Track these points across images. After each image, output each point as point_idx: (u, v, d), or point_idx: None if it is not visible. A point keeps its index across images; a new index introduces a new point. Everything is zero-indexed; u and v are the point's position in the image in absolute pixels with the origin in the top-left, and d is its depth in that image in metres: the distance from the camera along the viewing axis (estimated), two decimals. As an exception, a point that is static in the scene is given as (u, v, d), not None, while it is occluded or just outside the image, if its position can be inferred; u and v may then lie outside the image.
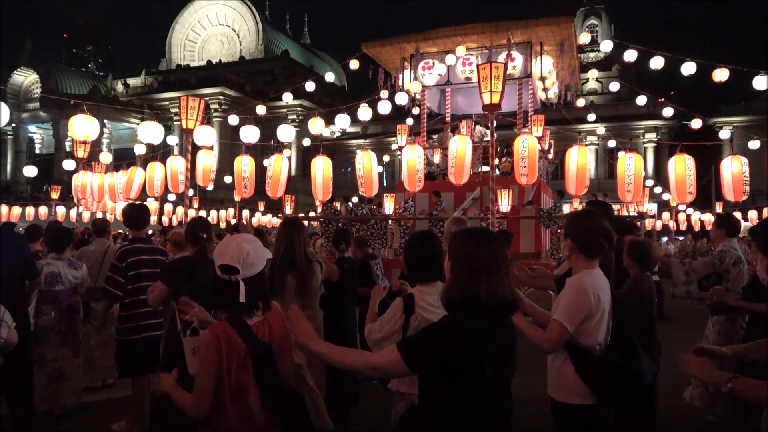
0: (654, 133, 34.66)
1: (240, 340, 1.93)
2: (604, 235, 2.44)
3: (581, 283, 2.39)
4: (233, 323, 1.96)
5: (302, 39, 63.04)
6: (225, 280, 1.97)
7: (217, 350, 1.90)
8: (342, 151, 36.43)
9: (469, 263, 1.80)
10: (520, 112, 11.70)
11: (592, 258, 2.46)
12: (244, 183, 8.58)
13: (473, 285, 1.76)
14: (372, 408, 4.71)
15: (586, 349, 2.35)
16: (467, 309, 1.76)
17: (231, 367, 1.93)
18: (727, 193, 7.21)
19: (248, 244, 2.02)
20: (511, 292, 1.82)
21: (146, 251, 4.17)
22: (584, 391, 2.32)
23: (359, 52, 12.35)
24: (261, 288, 2.07)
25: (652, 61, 11.30)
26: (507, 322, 1.90)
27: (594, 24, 46.97)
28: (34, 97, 40.79)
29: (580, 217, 2.61)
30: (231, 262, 1.96)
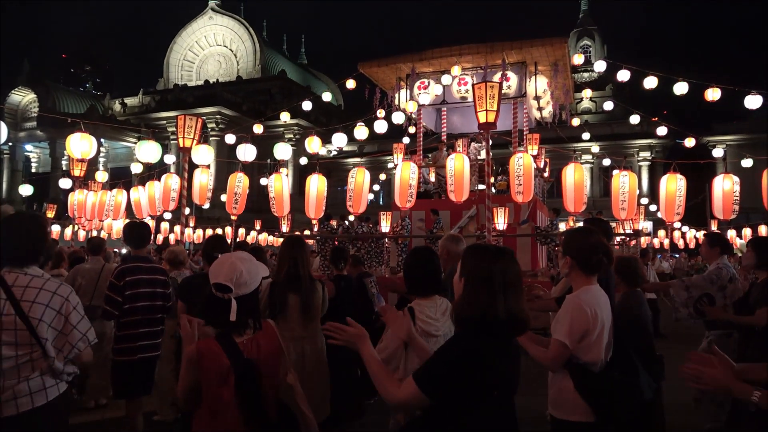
0: (648, 152, 34.94)
1: (224, 357, 1.97)
2: (602, 251, 2.46)
3: (578, 300, 2.40)
4: (220, 340, 2.01)
5: (299, 59, 63.60)
6: (218, 297, 2.01)
7: (195, 365, 1.98)
8: (338, 170, 36.51)
9: (486, 281, 1.77)
10: (515, 130, 11.80)
11: (591, 275, 2.48)
12: (235, 199, 8.58)
13: (490, 303, 1.73)
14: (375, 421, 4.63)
15: (585, 366, 2.35)
16: (482, 328, 1.73)
17: (211, 383, 1.98)
18: (716, 211, 7.30)
19: (242, 263, 2.05)
20: (525, 311, 1.81)
21: (145, 270, 4.12)
22: (584, 409, 2.31)
23: (356, 72, 12.48)
24: (252, 307, 2.11)
25: (646, 80, 11.47)
26: (514, 341, 1.89)
27: (587, 44, 47.66)
28: (32, 117, 40.87)
29: (578, 234, 2.64)
30: (224, 281, 2.00)
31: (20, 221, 2.50)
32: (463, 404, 1.70)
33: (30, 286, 2.28)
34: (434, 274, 2.70)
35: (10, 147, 41.42)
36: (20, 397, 2.19)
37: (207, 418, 2.02)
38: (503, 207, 10.03)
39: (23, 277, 2.31)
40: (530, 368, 2.49)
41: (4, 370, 2.16)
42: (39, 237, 2.48)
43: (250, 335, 2.08)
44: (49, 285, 2.33)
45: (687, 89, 10.95)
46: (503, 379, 1.75)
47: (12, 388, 2.17)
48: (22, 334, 2.19)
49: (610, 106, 16.32)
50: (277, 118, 20.61)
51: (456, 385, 1.67)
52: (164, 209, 9.39)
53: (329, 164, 30.91)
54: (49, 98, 40.89)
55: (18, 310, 2.20)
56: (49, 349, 2.24)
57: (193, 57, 54.12)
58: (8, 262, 2.35)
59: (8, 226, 2.44)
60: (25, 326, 2.19)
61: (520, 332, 1.83)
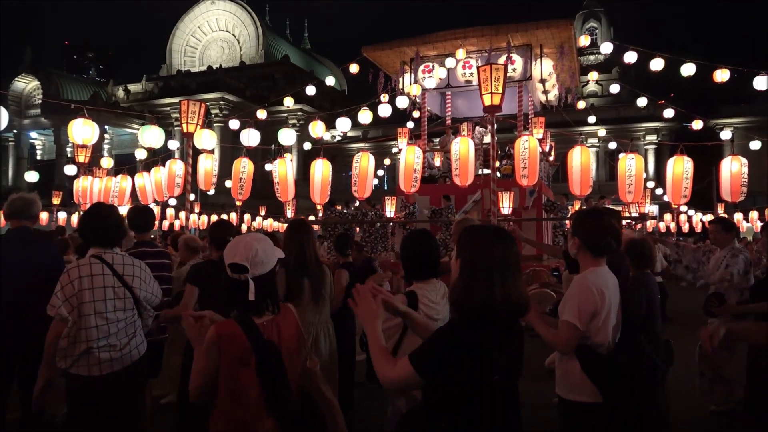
0: (654, 135, 34.66)
1: (245, 339, 1.92)
2: (611, 234, 2.44)
3: (585, 281, 2.39)
4: (240, 322, 1.96)
5: (302, 44, 63.17)
6: (235, 279, 1.97)
7: (216, 347, 1.92)
8: (343, 156, 36.43)
9: (485, 266, 1.71)
10: (521, 114, 11.71)
11: (599, 256, 2.46)
12: (240, 185, 8.59)
13: (490, 290, 1.68)
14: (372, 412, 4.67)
15: (591, 348, 2.34)
16: (480, 313, 1.69)
17: (231, 366, 1.92)
18: (725, 194, 7.23)
19: (257, 242, 2.01)
20: (525, 294, 1.76)
21: (151, 255, 4.08)
22: (591, 390, 2.31)
23: (359, 56, 12.38)
24: (270, 288, 2.06)
25: (652, 62, 11.33)
26: (517, 325, 1.83)
27: (593, 27, 47.06)
28: (36, 104, 40.90)
29: (587, 216, 2.61)
30: (240, 261, 1.95)
31: (103, 209, 2.98)
32: (461, 391, 1.67)
33: (125, 263, 2.85)
34: (432, 257, 2.68)
35: (15, 134, 41.55)
36: (133, 349, 2.82)
37: (228, 404, 1.95)
38: (508, 191, 9.99)
39: (117, 256, 2.86)
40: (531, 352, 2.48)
41: (119, 329, 2.75)
42: (119, 222, 2.97)
43: (269, 317, 2.04)
44: (135, 261, 2.93)
45: (694, 70, 10.81)
46: (503, 365, 1.71)
47: (128, 343, 2.80)
48: (128, 302, 2.81)
49: (616, 89, 16.15)
50: (281, 103, 20.55)
51: (453, 375, 1.65)
52: (170, 195, 9.40)
53: (333, 149, 30.86)
54: (53, 85, 40.86)
55: (124, 283, 2.79)
56: (145, 308, 2.90)
57: (196, 43, 53.85)
58: (99, 244, 2.83)
59: (95, 214, 2.90)
60: (131, 295, 2.81)
61: (520, 316, 1.79)
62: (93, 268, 2.71)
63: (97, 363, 2.66)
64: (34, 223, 3.61)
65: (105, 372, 2.67)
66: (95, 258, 2.76)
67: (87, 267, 2.71)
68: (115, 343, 2.72)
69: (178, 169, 8.85)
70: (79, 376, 2.65)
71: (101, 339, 2.67)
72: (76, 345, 2.64)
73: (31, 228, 3.55)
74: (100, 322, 2.67)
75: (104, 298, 2.70)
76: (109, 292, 2.72)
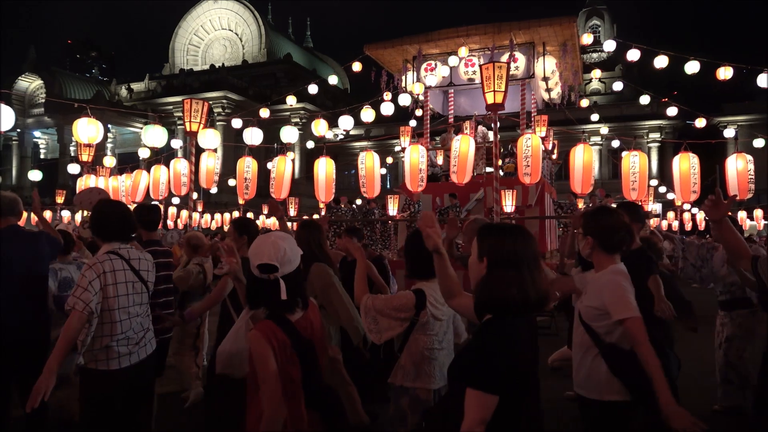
0: (658, 133, 34.58)
1: (286, 337, 1.92)
2: (624, 229, 2.46)
3: (615, 278, 2.38)
4: (278, 322, 1.94)
5: (305, 42, 63.14)
6: (263, 279, 1.95)
7: (271, 346, 1.89)
8: (345, 154, 36.46)
9: (512, 260, 1.69)
10: (523, 112, 11.69)
11: (613, 253, 2.47)
12: (246, 184, 8.58)
13: (521, 283, 1.65)
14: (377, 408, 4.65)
15: (617, 346, 2.33)
16: (517, 308, 1.66)
17: (283, 364, 1.91)
18: (732, 191, 7.19)
19: (283, 241, 2.00)
20: (549, 287, 1.76)
21: (161, 254, 4.09)
22: (618, 388, 2.30)
23: (362, 55, 12.36)
24: (299, 285, 2.06)
25: (656, 60, 11.27)
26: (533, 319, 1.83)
27: (596, 24, 46.96)
28: (39, 103, 41.00)
29: (598, 214, 2.59)
30: (270, 261, 1.93)
31: (112, 206, 3.04)
32: (514, 391, 1.60)
33: (141, 258, 2.93)
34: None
35: (18, 133, 41.66)
36: (147, 343, 2.90)
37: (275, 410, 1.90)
38: (511, 189, 9.97)
39: (132, 251, 2.93)
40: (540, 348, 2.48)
41: (134, 324, 2.81)
42: (131, 218, 3.02)
43: (301, 314, 2.05)
44: (146, 256, 3.03)
45: (698, 68, 10.78)
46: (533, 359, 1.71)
47: (143, 337, 2.88)
48: (144, 296, 2.90)
49: (619, 86, 16.10)
50: (283, 102, 20.54)
51: (511, 374, 1.59)
52: (177, 194, 9.41)
53: (335, 148, 30.82)
54: (56, 84, 40.98)
55: (140, 277, 2.86)
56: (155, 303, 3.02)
57: (199, 41, 53.89)
58: (115, 239, 2.87)
59: (106, 210, 2.95)
60: (146, 289, 2.91)
61: (544, 309, 1.77)
62: (114, 264, 2.76)
63: (116, 357, 2.71)
64: (19, 220, 3.60)
65: (123, 365, 2.73)
66: (113, 254, 2.80)
67: (109, 263, 2.74)
68: (132, 336, 2.79)
69: (182, 168, 8.85)
70: (96, 370, 2.69)
71: (122, 333, 2.73)
72: (96, 340, 2.67)
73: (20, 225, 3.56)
74: (123, 317, 2.73)
75: (126, 293, 2.77)
76: (129, 287, 2.79)
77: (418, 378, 2.56)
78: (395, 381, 2.62)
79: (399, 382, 2.61)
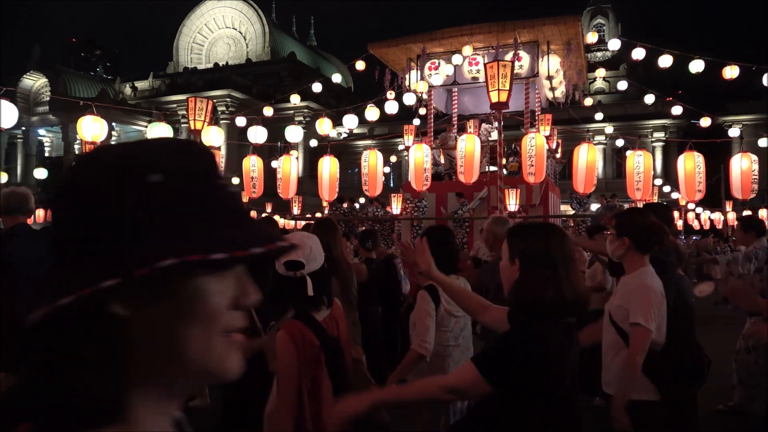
0: (662, 132, 34.46)
1: (313, 336, 1.90)
2: (661, 230, 2.46)
3: (645, 281, 2.38)
4: (305, 321, 1.93)
5: (308, 41, 63.15)
6: (288, 276, 1.95)
7: (295, 347, 1.88)
8: (349, 153, 36.45)
9: (546, 260, 1.61)
10: (528, 111, 11.67)
11: (646, 254, 2.47)
12: (252, 183, 8.61)
13: (556, 283, 1.58)
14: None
15: (650, 347, 2.33)
16: (551, 309, 1.58)
17: (307, 365, 1.90)
18: (735, 191, 7.18)
19: (308, 239, 2.03)
20: (586, 289, 1.70)
21: None
22: (649, 388, 2.32)
23: (366, 53, 12.37)
24: (325, 283, 2.07)
25: (661, 59, 11.24)
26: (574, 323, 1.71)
27: (601, 23, 46.82)
28: (44, 101, 41.11)
29: (633, 215, 2.59)
30: (296, 258, 1.94)
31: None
32: (531, 395, 1.54)
33: None
34: (452, 253, 2.68)
35: (23, 132, 41.79)
36: None
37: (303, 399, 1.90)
38: (515, 188, 9.96)
39: None
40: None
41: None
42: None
43: (326, 312, 2.04)
44: None
45: (703, 67, 10.74)
46: (572, 365, 1.61)
47: None
48: None
49: (624, 85, 16.07)
50: (287, 100, 20.58)
51: (528, 377, 1.52)
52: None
53: (339, 147, 30.86)
54: (60, 82, 41.09)
55: None
56: None
57: (203, 40, 53.95)
58: None
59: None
60: None
61: (583, 312, 1.67)
62: None
63: None
64: (29, 219, 3.50)
65: None
66: None
67: None
68: None
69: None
70: None
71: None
72: None
73: (29, 224, 3.45)
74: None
75: None
76: None
77: (432, 375, 2.52)
78: (409, 378, 2.61)
79: (413, 379, 2.59)
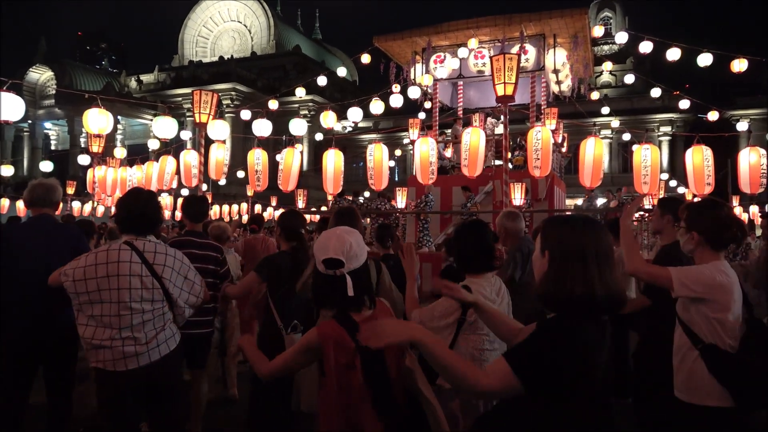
0: (669, 127, 34.26)
1: (349, 339, 1.82)
2: (736, 225, 2.32)
3: (715, 268, 2.27)
4: (341, 321, 1.86)
5: (313, 34, 63.06)
6: (329, 275, 1.87)
7: (314, 351, 1.86)
8: (353, 147, 36.45)
9: (578, 254, 1.53)
10: (533, 105, 11.61)
11: (720, 250, 2.33)
12: (257, 176, 8.58)
13: (586, 279, 1.50)
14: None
15: (717, 347, 2.21)
16: (578, 307, 1.51)
17: (340, 370, 1.82)
18: (743, 185, 7.12)
19: (349, 235, 1.92)
20: (622, 286, 1.60)
21: (198, 246, 3.80)
22: (721, 393, 2.17)
23: (371, 47, 12.32)
24: (366, 281, 1.96)
25: (669, 52, 11.15)
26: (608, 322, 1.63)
27: (608, 16, 46.48)
28: (50, 94, 41.29)
29: (705, 208, 2.42)
30: (335, 255, 1.85)
31: (141, 195, 2.84)
32: (560, 390, 1.47)
33: (157, 251, 2.69)
34: (488, 249, 2.55)
35: (29, 125, 42.01)
36: (161, 344, 2.66)
37: (336, 411, 1.85)
38: (520, 182, 9.92)
39: (149, 244, 2.71)
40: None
41: (145, 321, 2.60)
42: (157, 209, 2.84)
43: (368, 313, 1.94)
44: (169, 250, 2.77)
45: (711, 61, 10.64)
46: (604, 363, 1.54)
47: (155, 337, 2.64)
48: (156, 292, 2.65)
49: (630, 79, 15.97)
50: (292, 94, 20.53)
51: (560, 375, 1.45)
52: (187, 185, 9.44)
53: (344, 140, 30.81)
54: (66, 76, 41.21)
55: (153, 272, 2.63)
56: (176, 302, 2.74)
57: (208, 33, 53.95)
58: (132, 231, 2.72)
59: (132, 199, 2.79)
60: (160, 286, 2.65)
61: (617, 310, 1.57)
62: (121, 255, 2.60)
63: (122, 357, 2.56)
64: (56, 210, 3.50)
65: (130, 367, 2.56)
66: (126, 244, 2.65)
67: (115, 253, 2.60)
68: (139, 334, 2.59)
69: (192, 160, 8.88)
70: (104, 371, 2.58)
71: (124, 328, 2.55)
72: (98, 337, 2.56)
73: (53, 215, 3.46)
74: (123, 312, 2.55)
75: (129, 287, 2.56)
76: (134, 280, 2.58)
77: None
78: (444, 383, 2.41)
79: (449, 385, 2.39)
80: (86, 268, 2.56)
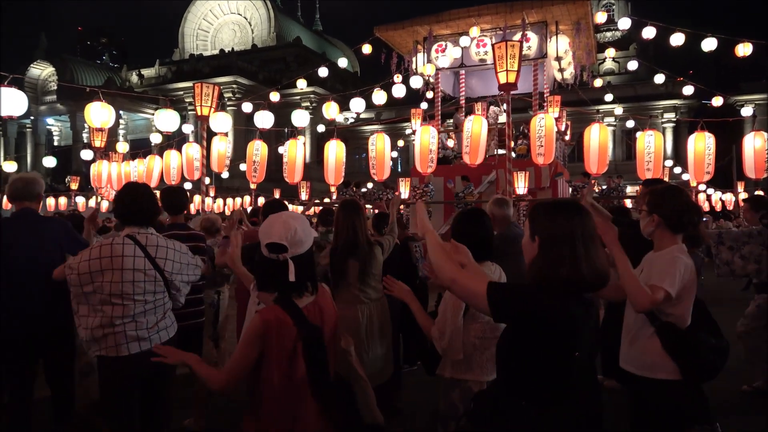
0: (673, 113, 34.04)
1: (291, 324, 1.83)
2: (694, 210, 2.44)
3: (676, 255, 2.37)
4: (284, 306, 1.87)
5: (314, 26, 62.70)
6: (272, 259, 1.88)
7: (262, 338, 1.83)
8: (355, 138, 36.35)
9: (566, 238, 1.62)
10: (536, 93, 11.55)
11: (678, 234, 2.44)
12: (254, 167, 8.56)
13: (574, 259, 1.59)
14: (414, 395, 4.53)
15: (674, 325, 2.32)
16: (568, 285, 1.60)
17: (282, 357, 1.83)
18: (748, 171, 7.09)
19: (295, 221, 1.92)
20: (606, 265, 1.68)
21: (184, 238, 3.75)
22: (672, 368, 2.30)
23: (372, 37, 12.26)
24: (309, 267, 1.97)
25: (672, 37, 11.03)
26: (595, 301, 1.74)
27: (610, 2, 46.07)
28: (51, 90, 41.28)
29: (668, 193, 2.52)
30: (278, 240, 1.86)
31: (138, 188, 2.89)
32: (543, 366, 1.60)
33: (159, 245, 2.78)
34: (487, 238, 2.57)
35: (32, 121, 42.03)
36: (161, 330, 2.78)
37: (278, 392, 1.85)
38: (524, 171, 9.90)
39: (152, 237, 2.79)
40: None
41: (147, 311, 2.71)
42: (155, 202, 2.92)
43: (311, 299, 1.96)
44: (170, 243, 2.86)
45: (715, 46, 10.55)
46: (586, 341, 1.64)
47: (156, 324, 2.76)
48: (158, 284, 2.75)
49: (634, 66, 15.84)
50: (294, 86, 20.48)
51: (527, 326, 1.60)
52: (189, 178, 9.46)
53: (345, 132, 30.73)
54: (67, 71, 41.16)
55: (156, 266, 2.72)
56: (175, 293, 2.87)
57: (208, 26, 53.73)
58: (133, 223, 2.78)
59: (130, 193, 2.84)
60: (161, 277, 2.75)
61: (601, 287, 1.67)
62: (125, 249, 2.66)
63: (125, 342, 2.63)
64: (38, 203, 3.46)
65: (133, 351, 2.64)
66: (129, 238, 2.71)
67: (119, 247, 2.65)
68: (141, 320, 2.69)
69: (194, 153, 8.88)
70: (108, 357, 2.63)
71: (126, 317, 2.64)
72: (101, 326, 2.61)
73: (35, 209, 3.42)
74: (127, 303, 2.64)
75: (133, 280, 2.64)
76: (138, 274, 2.66)
77: (470, 369, 2.43)
78: (444, 373, 2.48)
79: (449, 374, 2.47)
80: (91, 261, 2.61)
